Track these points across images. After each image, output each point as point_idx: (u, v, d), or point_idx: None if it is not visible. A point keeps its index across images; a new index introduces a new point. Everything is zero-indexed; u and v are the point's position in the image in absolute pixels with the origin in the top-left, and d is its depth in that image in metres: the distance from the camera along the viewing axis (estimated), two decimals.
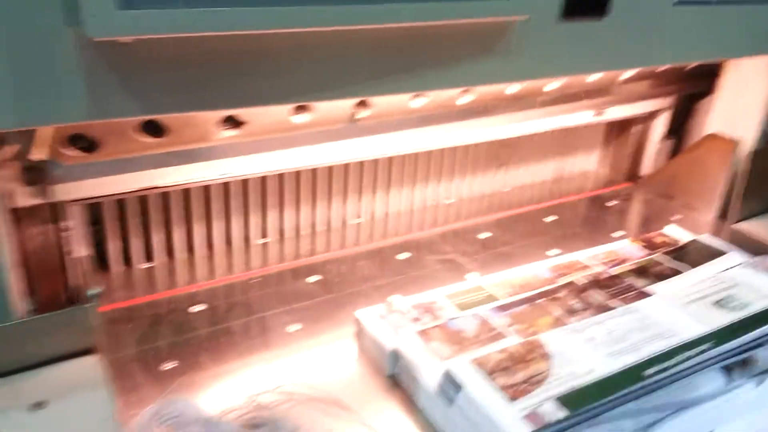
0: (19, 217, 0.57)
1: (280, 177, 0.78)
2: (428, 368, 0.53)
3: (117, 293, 0.66)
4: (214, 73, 0.48)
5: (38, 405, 0.40)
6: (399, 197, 0.89)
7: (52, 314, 0.43)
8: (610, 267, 0.70)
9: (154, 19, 0.39)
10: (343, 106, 0.71)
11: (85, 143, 0.59)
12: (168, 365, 0.56)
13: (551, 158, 1.03)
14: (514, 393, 0.49)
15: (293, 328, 0.63)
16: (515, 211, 0.93)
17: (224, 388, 0.53)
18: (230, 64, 0.48)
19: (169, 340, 0.59)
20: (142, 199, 0.71)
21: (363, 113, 0.72)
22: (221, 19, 0.41)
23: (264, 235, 0.80)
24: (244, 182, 0.76)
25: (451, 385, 0.50)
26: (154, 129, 0.61)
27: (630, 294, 0.64)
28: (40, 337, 0.43)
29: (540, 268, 0.70)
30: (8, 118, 0.42)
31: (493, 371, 0.51)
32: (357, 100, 0.71)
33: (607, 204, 0.97)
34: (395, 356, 0.56)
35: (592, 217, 0.93)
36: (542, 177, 1.03)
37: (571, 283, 0.65)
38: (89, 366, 0.44)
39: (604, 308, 0.61)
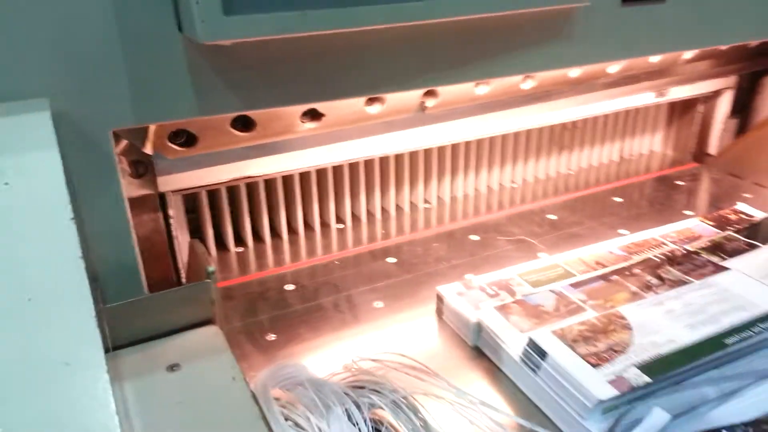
0: (130, 206, 0.63)
1: (354, 165, 0.82)
2: (511, 339, 0.56)
3: (216, 275, 0.72)
4: (303, 70, 0.53)
5: (173, 367, 0.46)
6: (465, 182, 0.93)
7: (178, 288, 0.49)
8: (684, 244, 0.71)
9: (255, 23, 0.44)
10: (413, 96, 0.74)
11: (185, 138, 0.64)
12: (271, 336, 0.61)
13: (615, 140, 1.04)
14: (597, 360, 0.51)
15: (378, 304, 0.67)
16: (581, 192, 0.95)
17: (324, 357, 0.58)
18: (317, 61, 0.53)
19: (269, 315, 0.64)
20: (230, 189, 0.77)
21: (431, 102, 0.76)
22: (312, 20, 0.46)
23: (341, 221, 0.85)
24: (322, 171, 0.80)
25: (535, 353, 0.53)
26: (244, 124, 0.66)
27: (706, 269, 0.65)
28: (169, 308, 0.49)
29: (612, 246, 0.72)
30: (128, 116, 0.47)
31: (575, 340, 0.54)
32: (426, 89, 0.74)
33: (674, 183, 0.97)
34: (478, 328, 0.59)
35: (660, 197, 0.93)
36: (607, 159, 1.04)
37: (646, 260, 0.67)
38: (212, 334, 0.49)
39: (680, 283, 0.63)
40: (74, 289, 0.29)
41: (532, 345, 0.53)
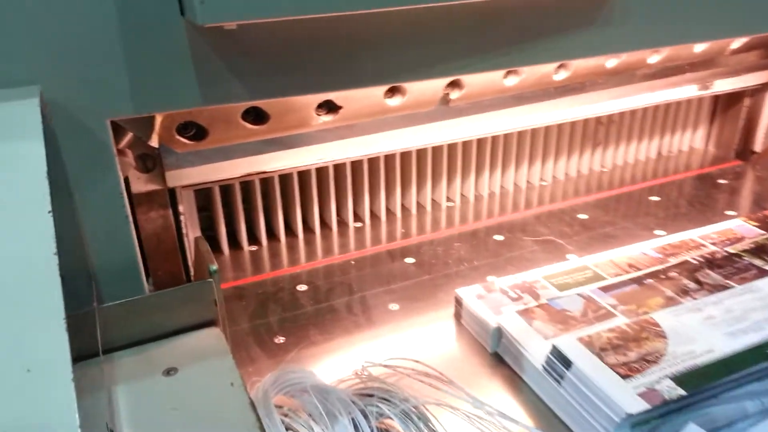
0: (137, 202, 0.61)
1: (374, 160, 0.79)
2: (534, 346, 0.52)
3: (227, 273, 0.70)
4: (314, 57, 0.50)
5: (170, 371, 0.43)
6: (491, 179, 0.89)
7: (178, 288, 0.46)
8: (725, 246, 0.66)
9: (259, 3, 0.41)
10: (436, 87, 0.71)
11: (195, 131, 0.62)
12: (280, 339, 0.58)
13: (654, 135, 0.98)
14: (627, 371, 0.47)
15: (394, 306, 0.64)
16: (616, 191, 0.90)
17: (334, 361, 0.55)
18: (329, 47, 0.50)
19: (279, 317, 0.62)
20: (244, 185, 0.75)
21: (456, 94, 0.72)
22: (322, 0, 0.42)
23: (359, 219, 0.82)
24: (340, 166, 0.77)
25: (559, 362, 0.49)
26: (256, 116, 0.64)
27: (749, 273, 0.60)
28: (168, 309, 0.46)
29: (647, 248, 0.67)
30: (127, 105, 0.45)
31: (603, 349, 0.50)
32: (450, 80, 0.70)
33: (716, 182, 0.91)
34: (499, 333, 0.56)
35: (700, 196, 0.88)
36: (644, 155, 0.99)
37: (683, 263, 0.62)
38: (213, 336, 0.47)
39: (720, 288, 0.58)
40: (44, 288, 0.27)
41: (556, 353, 0.50)
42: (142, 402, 0.41)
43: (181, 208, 0.65)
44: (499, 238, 0.78)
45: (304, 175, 0.76)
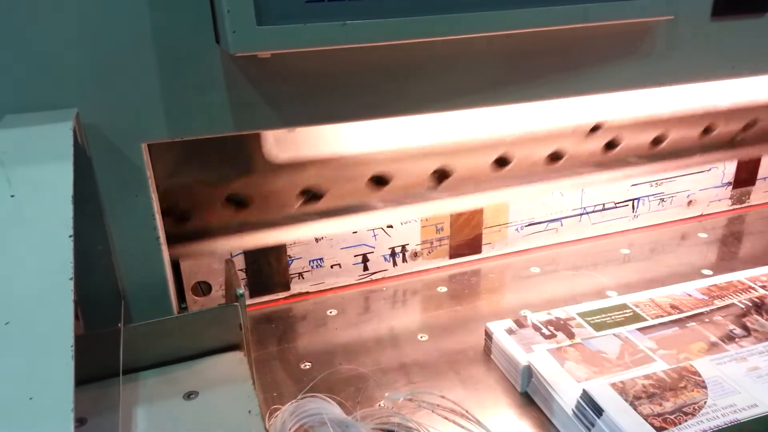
0: None
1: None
2: (565, 388, 0.50)
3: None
4: (347, 86, 0.49)
5: (191, 394, 0.43)
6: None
7: (204, 310, 0.47)
8: None
9: (291, 34, 0.41)
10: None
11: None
12: (306, 365, 0.58)
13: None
14: (662, 423, 0.45)
15: (423, 337, 0.63)
16: (661, 226, 0.86)
17: (355, 391, 0.54)
18: (361, 76, 0.49)
19: (307, 340, 0.62)
20: None
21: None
22: (353, 32, 0.42)
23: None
24: None
25: (590, 408, 0.47)
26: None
27: None
28: (193, 331, 0.47)
29: (692, 288, 0.64)
30: (162, 130, 0.45)
31: (638, 397, 0.47)
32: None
33: None
34: (529, 372, 0.54)
35: (754, 233, 0.83)
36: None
37: (730, 306, 0.59)
38: (236, 361, 0.47)
39: None
40: (55, 314, 0.27)
41: (587, 398, 0.47)
42: (159, 425, 0.41)
43: None
44: (535, 270, 0.75)
45: None
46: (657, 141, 0.79)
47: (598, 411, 0.46)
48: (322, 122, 0.51)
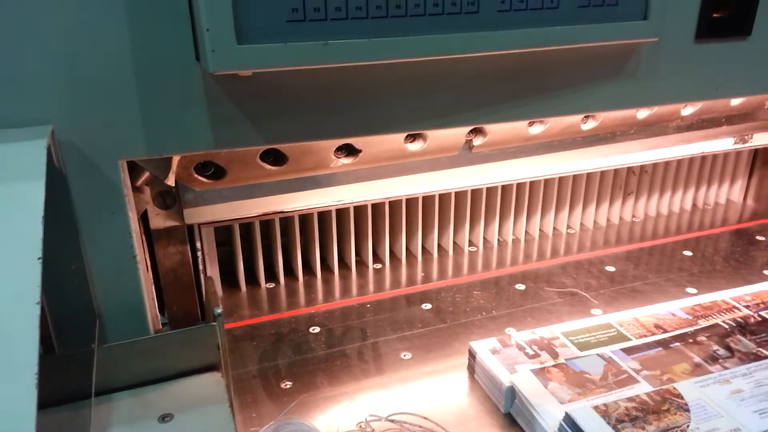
0: (156, 238, 0.61)
1: (395, 203, 0.78)
2: (548, 410, 0.50)
3: (243, 311, 0.70)
4: (330, 104, 0.49)
5: (165, 417, 0.42)
6: (516, 225, 0.86)
7: (180, 331, 0.46)
8: (760, 310, 0.62)
9: (271, 53, 0.41)
10: (458, 134, 0.70)
11: (213, 170, 0.62)
12: (286, 384, 0.57)
13: (688, 187, 0.94)
14: None
15: (406, 355, 0.62)
16: (646, 243, 0.86)
17: (337, 411, 0.53)
18: (344, 95, 0.49)
19: (288, 360, 0.61)
20: (264, 222, 0.74)
21: (478, 140, 0.71)
22: (334, 51, 0.42)
23: (378, 260, 0.81)
24: (361, 208, 0.77)
25: (573, 431, 0.46)
26: (275, 157, 0.64)
27: None
28: (169, 352, 0.46)
29: (675, 308, 0.64)
30: (140, 147, 0.45)
31: (620, 420, 0.47)
32: (472, 128, 0.69)
33: (754, 238, 0.87)
34: (512, 393, 0.53)
35: (737, 252, 0.83)
36: (678, 207, 0.95)
37: (713, 326, 0.59)
38: (213, 382, 0.46)
39: (753, 357, 0.54)
40: (20, 339, 0.26)
41: (569, 422, 0.47)
42: None
43: (198, 245, 0.65)
44: (520, 287, 0.75)
45: (324, 213, 0.76)
46: None
47: None
48: (303, 140, 0.51)
